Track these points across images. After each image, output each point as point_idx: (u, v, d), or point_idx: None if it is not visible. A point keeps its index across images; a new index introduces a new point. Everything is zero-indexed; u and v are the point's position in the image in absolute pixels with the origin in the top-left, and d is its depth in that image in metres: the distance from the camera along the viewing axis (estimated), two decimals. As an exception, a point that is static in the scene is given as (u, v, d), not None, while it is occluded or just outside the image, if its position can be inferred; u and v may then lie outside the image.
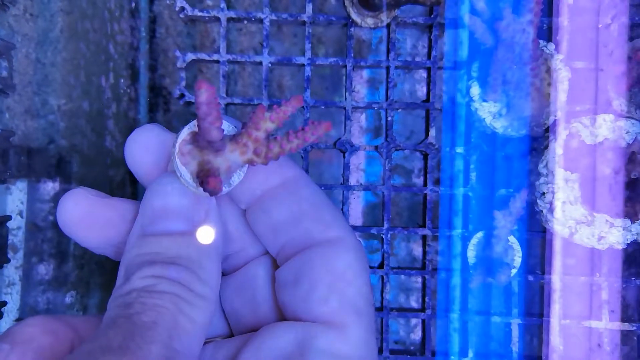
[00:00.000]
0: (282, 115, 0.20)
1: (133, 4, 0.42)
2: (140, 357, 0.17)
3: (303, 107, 0.41)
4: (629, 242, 0.39)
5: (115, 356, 0.17)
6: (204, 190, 0.19)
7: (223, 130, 0.20)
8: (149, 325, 0.18)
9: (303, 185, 0.23)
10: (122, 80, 0.42)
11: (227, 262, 0.25)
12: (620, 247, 0.39)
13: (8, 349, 0.20)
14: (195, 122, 0.21)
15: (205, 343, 0.24)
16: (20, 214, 0.39)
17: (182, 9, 0.41)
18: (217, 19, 0.41)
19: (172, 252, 0.20)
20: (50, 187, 0.40)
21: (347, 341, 0.20)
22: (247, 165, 0.21)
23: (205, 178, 0.19)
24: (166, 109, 0.43)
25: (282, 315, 0.23)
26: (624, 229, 0.38)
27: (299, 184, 0.23)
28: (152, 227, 0.21)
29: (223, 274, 0.26)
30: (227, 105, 0.41)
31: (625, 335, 0.40)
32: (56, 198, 0.41)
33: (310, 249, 0.22)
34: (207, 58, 0.41)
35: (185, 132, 0.21)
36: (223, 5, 0.41)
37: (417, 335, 0.43)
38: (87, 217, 0.21)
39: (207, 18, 0.42)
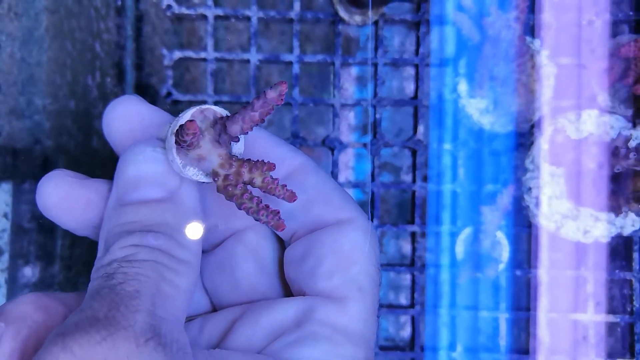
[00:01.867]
0: (271, 189, 0.20)
1: (119, 2, 0.42)
2: (126, 327, 0.17)
3: (290, 104, 0.41)
4: (613, 235, 0.40)
5: (102, 326, 0.17)
6: (179, 131, 0.19)
7: (238, 139, 0.20)
8: (132, 295, 0.18)
9: (310, 172, 0.23)
10: (109, 80, 0.42)
11: (207, 237, 0.25)
12: (605, 240, 0.40)
13: (2, 327, 0.20)
14: (238, 112, 0.21)
15: (190, 319, 0.24)
16: (5, 215, 0.39)
17: (169, 6, 0.41)
18: (205, 17, 0.41)
19: (149, 219, 0.20)
20: (35, 188, 0.40)
21: (345, 314, 0.21)
22: (210, 179, 0.21)
23: (188, 124, 0.19)
24: (153, 108, 0.43)
25: (265, 291, 0.24)
26: (608, 223, 0.39)
27: (306, 171, 0.23)
28: (128, 197, 0.21)
29: (202, 252, 0.26)
30: (215, 103, 0.41)
31: (610, 328, 0.41)
32: (42, 199, 0.40)
33: (321, 229, 0.22)
34: (195, 56, 0.41)
35: (223, 111, 0.21)
36: (210, 2, 0.41)
37: (406, 332, 0.43)
38: (67, 199, 0.21)
39: (194, 16, 0.41)
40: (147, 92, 0.43)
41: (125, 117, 0.22)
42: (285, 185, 0.20)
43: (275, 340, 0.21)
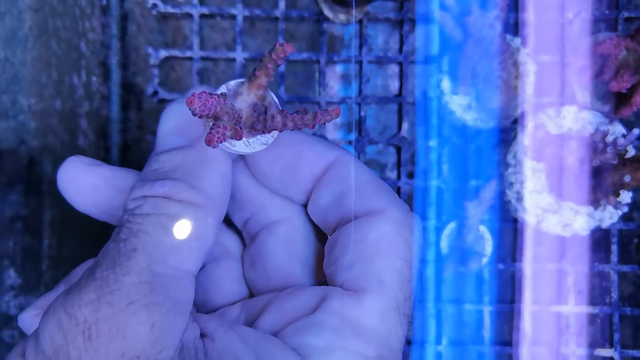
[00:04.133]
0: (314, 119, 0.21)
1: (104, 1, 0.41)
2: (112, 291, 0.18)
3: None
4: (592, 228, 0.40)
5: (92, 288, 0.18)
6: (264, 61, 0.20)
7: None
8: (129, 255, 0.18)
9: (344, 166, 0.23)
10: (94, 79, 0.41)
11: (246, 229, 0.25)
12: (584, 233, 0.40)
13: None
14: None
15: (232, 304, 0.25)
16: (-10, 216, 0.38)
17: (154, 5, 0.41)
18: (190, 16, 0.41)
19: (167, 166, 0.21)
20: (21, 188, 0.40)
21: (359, 306, 0.20)
22: (275, 133, 0.22)
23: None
24: (139, 107, 0.43)
25: (297, 283, 0.23)
26: (587, 216, 0.40)
27: (340, 165, 0.23)
28: (157, 150, 0.22)
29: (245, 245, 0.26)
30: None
31: (590, 319, 0.42)
32: (27, 200, 0.40)
33: (351, 222, 0.22)
34: (180, 55, 0.41)
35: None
36: (195, 1, 0.41)
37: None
38: (73, 183, 0.22)
39: (179, 14, 0.42)
40: (132, 91, 0.43)
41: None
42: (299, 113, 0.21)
43: (287, 325, 0.21)
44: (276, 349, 0.20)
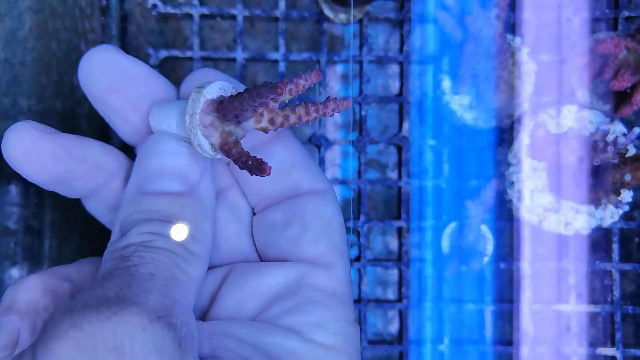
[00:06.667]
0: (301, 88, 0.21)
1: (104, 2, 0.41)
2: (138, 303, 0.17)
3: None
4: (593, 227, 0.40)
5: (113, 303, 0.17)
6: (250, 171, 0.20)
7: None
8: (146, 277, 0.18)
9: (292, 140, 0.24)
10: (94, 79, 0.41)
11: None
12: (585, 232, 0.41)
13: (17, 321, 0.20)
14: (209, 89, 0.21)
15: None
16: (-10, 217, 0.38)
17: (154, 6, 0.41)
18: (190, 16, 0.41)
19: (168, 211, 0.21)
20: (21, 189, 0.40)
21: (334, 278, 0.22)
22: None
23: (256, 164, 0.19)
24: (139, 108, 0.43)
25: (245, 254, 0.24)
26: (588, 215, 0.40)
27: (288, 138, 0.24)
28: (149, 186, 0.21)
29: None
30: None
31: (592, 318, 0.42)
32: (28, 201, 0.40)
33: (301, 196, 0.23)
34: (181, 55, 0.41)
35: (202, 102, 0.21)
36: (196, 1, 0.41)
37: (394, 326, 0.44)
38: (30, 152, 0.21)
39: (179, 15, 0.42)
40: (133, 91, 0.43)
41: (103, 69, 0.22)
42: (304, 74, 0.21)
43: (269, 307, 0.22)
44: (274, 336, 0.21)
